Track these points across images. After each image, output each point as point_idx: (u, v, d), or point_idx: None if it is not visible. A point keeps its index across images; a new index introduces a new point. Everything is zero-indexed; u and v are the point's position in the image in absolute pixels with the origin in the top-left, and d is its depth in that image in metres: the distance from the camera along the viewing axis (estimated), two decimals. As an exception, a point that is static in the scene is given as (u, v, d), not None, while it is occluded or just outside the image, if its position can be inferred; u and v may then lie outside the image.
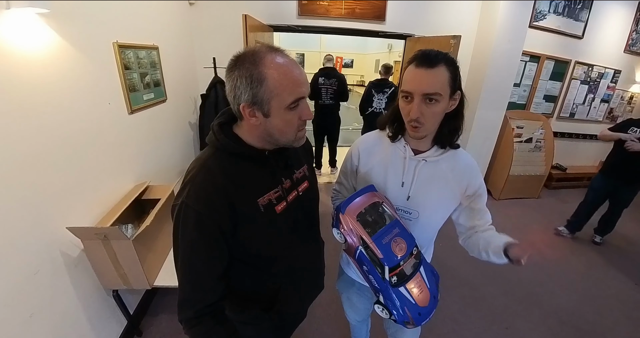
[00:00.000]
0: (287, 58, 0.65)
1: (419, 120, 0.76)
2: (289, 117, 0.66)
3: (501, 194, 3.68)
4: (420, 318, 0.80)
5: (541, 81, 3.83)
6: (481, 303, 2.09)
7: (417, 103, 0.75)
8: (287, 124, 0.67)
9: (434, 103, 0.74)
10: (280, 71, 0.62)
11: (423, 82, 0.73)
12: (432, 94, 0.73)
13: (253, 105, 0.63)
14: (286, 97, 0.63)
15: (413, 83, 0.75)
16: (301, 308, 1.01)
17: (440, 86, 0.73)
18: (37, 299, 1.15)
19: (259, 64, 0.61)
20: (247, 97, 0.62)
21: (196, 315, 0.69)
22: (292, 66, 0.64)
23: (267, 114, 0.65)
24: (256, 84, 0.61)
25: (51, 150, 1.20)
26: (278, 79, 0.61)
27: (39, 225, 1.16)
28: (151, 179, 1.88)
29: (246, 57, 0.62)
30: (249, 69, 0.61)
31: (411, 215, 0.91)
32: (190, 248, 0.67)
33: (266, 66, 0.61)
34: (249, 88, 0.61)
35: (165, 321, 1.80)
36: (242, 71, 0.61)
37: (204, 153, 0.72)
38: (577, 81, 3.99)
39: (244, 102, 0.63)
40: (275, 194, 0.75)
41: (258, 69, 0.61)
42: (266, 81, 0.61)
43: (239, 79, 0.62)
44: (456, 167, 0.88)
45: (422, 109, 0.75)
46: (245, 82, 0.61)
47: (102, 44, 1.53)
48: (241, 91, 0.62)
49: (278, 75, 0.61)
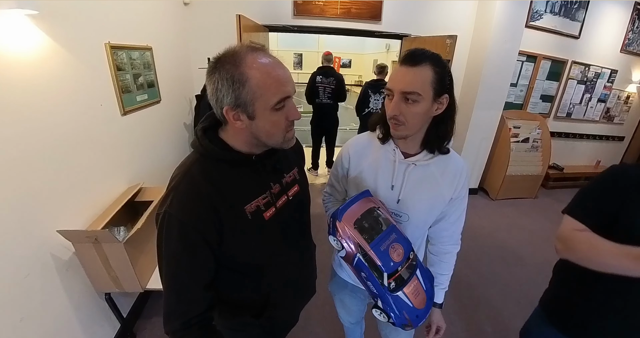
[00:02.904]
0: (270, 57, 0.62)
1: (397, 118, 0.76)
2: (275, 119, 0.64)
3: (498, 195, 3.68)
4: (418, 319, 0.80)
5: (538, 80, 3.82)
6: (477, 303, 2.09)
7: (396, 101, 0.74)
8: (273, 125, 0.65)
9: (413, 103, 0.73)
10: (262, 70, 0.59)
11: (402, 80, 0.73)
12: (409, 93, 0.72)
13: (237, 108, 0.61)
14: (270, 97, 0.61)
15: (393, 81, 0.75)
16: (292, 313, 1.00)
17: (420, 85, 0.71)
18: (28, 303, 1.13)
19: (239, 64, 0.58)
20: (229, 100, 0.60)
21: (183, 326, 0.67)
22: (275, 64, 0.62)
23: (252, 117, 0.62)
24: (238, 86, 0.59)
25: (42, 152, 1.19)
26: (261, 79, 0.59)
27: (30, 227, 1.15)
28: (145, 181, 1.86)
29: (226, 58, 0.60)
30: (229, 70, 0.58)
31: (401, 217, 0.91)
32: (175, 259, 0.65)
33: (248, 66, 0.58)
34: (231, 90, 0.59)
35: (158, 324, 1.79)
36: (223, 73, 0.59)
37: (188, 159, 0.70)
38: (573, 80, 4.00)
39: (227, 105, 0.61)
40: (264, 200, 0.73)
41: (239, 70, 0.58)
42: (248, 82, 0.58)
43: (219, 81, 0.59)
44: (447, 171, 0.87)
45: (401, 107, 0.74)
46: (227, 85, 0.59)
47: (94, 45, 1.52)
48: (223, 93, 0.60)
49: (260, 75, 0.59)
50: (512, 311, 2.04)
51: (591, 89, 4.14)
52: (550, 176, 4.07)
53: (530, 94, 3.87)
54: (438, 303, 1.03)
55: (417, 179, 0.86)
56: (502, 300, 2.14)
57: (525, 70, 3.71)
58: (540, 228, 3.17)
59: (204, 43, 2.88)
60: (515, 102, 3.87)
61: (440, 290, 1.01)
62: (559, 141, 4.21)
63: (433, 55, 0.73)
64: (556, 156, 4.11)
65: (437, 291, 1.01)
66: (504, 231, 3.06)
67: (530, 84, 3.82)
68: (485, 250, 2.70)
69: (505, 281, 2.32)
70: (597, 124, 4.43)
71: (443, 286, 1.02)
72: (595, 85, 4.14)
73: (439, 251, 1.00)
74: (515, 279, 2.35)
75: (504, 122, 3.58)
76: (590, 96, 4.19)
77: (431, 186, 0.87)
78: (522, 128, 3.66)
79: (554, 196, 3.96)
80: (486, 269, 2.44)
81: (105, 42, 1.57)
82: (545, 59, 3.72)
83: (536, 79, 3.80)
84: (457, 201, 0.91)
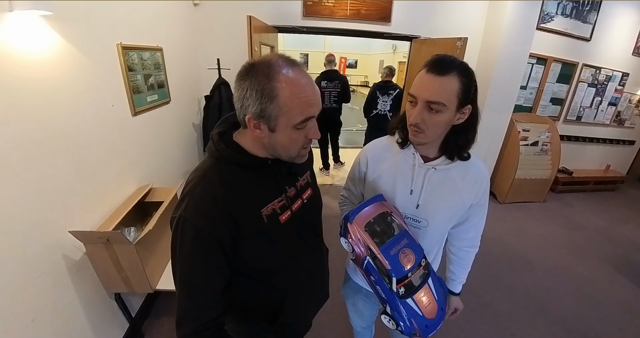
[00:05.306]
0: (303, 75, 0.62)
1: (419, 126, 0.74)
2: (294, 136, 0.64)
3: (506, 198, 3.64)
4: (427, 330, 0.78)
5: (548, 83, 3.78)
6: (486, 310, 2.06)
7: (419, 109, 0.73)
8: (291, 141, 0.65)
9: (437, 113, 0.72)
10: (293, 89, 0.59)
11: (428, 89, 0.71)
12: (434, 103, 0.70)
13: (260, 118, 0.61)
14: (295, 116, 0.61)
15: (418, 88, 0.73)
16: (306, 319, 0.99)
17: (446, 96, 0.70)
18: (40, 303, 1.14)
19: (272, 78, 0.58)
20: (254, 110, 0.60)
21: (195, 331, 0.67)
22: (306, 84, 0.61)
23: (272, 129, 0.63)
24: (266, 100, 0.58)
25: (54, 152, 1.20)
26: (290, 98, 0.59)
27: (42, 228, 1.15)
28: (154, 181, 1.86)
29: (260, 68, 0.59)
30: (261, 82, 0.58)
31: (420, 223, 0.89)
32: (189, 264, 0.65)
33: (279, 81, 0.58)
34: (258, 102, 0.59)
35: (167, 324, 1.79)
36: (254, 83, 0.59)
37: (204, 164, 0.70)
38: (584, 83, 3.95)
39: (250, 115, 0.61)
40: (279, 204, 0.73)
41: (271, 84, 0.58)
42: (277, 98, 0.58)
43: (249, 90, 0.59)
44: (467, 175, 0.85)
45: (423, 115, 0.73)
46: (256, 96, 0.59)
47: (106, 46, 1.52)
48: (250, 102, 0.60)
49: (290, 93, 0.59)
50: (521, 317, 2.02)
51: (602, 92, 4.09)
52: (559, 180, 4.02)
53: (540, 96, 3.83)
54: (456, 292, 1.06)
55: (437, 183, 0.85)
56: (509, 305, 2.11)
57: (535, 72, 3.67)
58: (548, 232, 3.13)
59: (214, 44, 2.88)
60: (525, 105, 3.83)
61: (459, 283, 1.04)
62: (569, 145, 4.16)
63: (461, 64, 0.71)
64: (565, 160, 4.06)
65: (456, 284, 1.04)
66: (512, 235, 3.02)
67: (540, 86, 3.78)
68: (494, 254, 2.67)
69: (513, 286, 2.30)
70: (607, 128, 4.37)
71: (461, 280, 1.05)
72: (606, 88, 4.08)
73: (458, 252, 1.02)
74: (522, 284, 2.32)
75: (513, 125, 3.54)
76: (600, 99, 4.14)
77: (451, 191, 0.85)
78: (531, 131, 3.61)
79: (563, 201, 3.91)
80: (493, 274, 2.42)
81: (117, 42, 1.58)
82: (556, 62, 3.68)
83: (546, 81, 3.76)
84: (478, 207, 0.90)
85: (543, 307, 2.12)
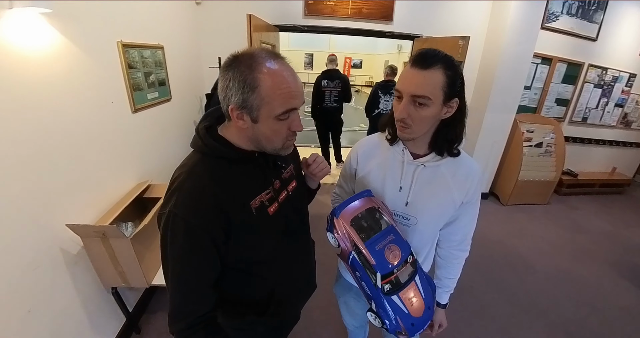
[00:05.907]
0: (286, 67, 0.63)
1: (405, 121, 0.74)
2: (277, 127, 0.65)
3: (509, 200, 3.60)
4: (414, 328, 0.78)
5: (553, 84, 3.73)
6: (484, 311, 2.04)
7: (405, 104, 0.72)
8: (274, 133, 0.66)
9: (422, 107, 0.71)
10: (275, 80, 0.60)
11: (412, 83, 0.70)
12: (419, 97, 0.70)
13: (242, 109, 0.62)
14: (276, 107, 0.62)
15: (403, 83, 0.73)
16: (296, 310, 0.99)
17: (431, 89, 0.69)
18: (36, 295, 1.16)
19: (254, 69, 0.59)
20: (237, 100, 0.61)
21: (188, 326, 0.67)
22: (288, 76, 0.62)
23: (255, 120, 0.63)
24: (248, 90, 0.59)
25: (54, 148, 1.21)
26: (271, 88, 0.60)
27: (40, 221, 1.17)
28: (153, 178, 1.89)
29: (243, 59, 0.60)
30: (243, 72, 0.59)
31: (409, 221, 0.88)
32: (180, 259, 0.65)
33: (261, 72, 0.59)
34: (240, 92, 0.60)
35: (163, 318, 1.81)
36: (237, 74, 0.60)
37: (189, 159, 0.70)
38: (590, 84, 3.88)
39: (233, 105, 0.62)
40: (267, 196, 0.73)
41: (253, 75, 0.59)
42: (259, 88, 0.59)
43: (232, 80, 0.60)
44: (458, 172, 0.84)
45: (409, 110, 0.72)
46: (238, 86, 0.60)
47: (106, 44, 1.54)
48: (232, 93, 0.61)
49: (272, 84, 0.60)
50: (520, 320, 1.99)
51: (608, 93, 4.02)
52: (563, 182, 3.96)
53: (544, 97, 3.78)
54: (442, 303, 1.01)
55: (427, 180, 0.84)
56: (509, 308, 2.09)
57: (540, 72, 3.62)
58: (552, 235, 3.09)
59: (215, 42, 2.91)
60: (529, 106, 3.78)
61: (445, 292, 1.00)
62: (574, 146, 4.10)
63: (445, 57, 0.71)
64: (570, 162, 4.00)
65: (442, 293, 1.00)
66: (514, 237, 2.99)
67: (545, 87, 3.72)
68: (495, 256, 2.64)
69: (514, 289, 2.27)
70: (613, 130, 4.30)
71: (448, 289, 1.00)
72: (613, 89, 4.01)
73: (447, 255, 0.98)
74: (524, 287, 2.29)
75: (517, 126, 3.50)
76: (607, 101, 4.07)
77: (441, 188, 0.84)
78: (535, 132, 3.57)
79: (567, 203, 3.85)
80: (494, 276, 2.39)
81: (118, 40, 1.60)
82: (561, 62, 3.63)
83: (551, 82, 3.70)
84: (468, 206, 0.88)
85: (543, 311, 2.09)
